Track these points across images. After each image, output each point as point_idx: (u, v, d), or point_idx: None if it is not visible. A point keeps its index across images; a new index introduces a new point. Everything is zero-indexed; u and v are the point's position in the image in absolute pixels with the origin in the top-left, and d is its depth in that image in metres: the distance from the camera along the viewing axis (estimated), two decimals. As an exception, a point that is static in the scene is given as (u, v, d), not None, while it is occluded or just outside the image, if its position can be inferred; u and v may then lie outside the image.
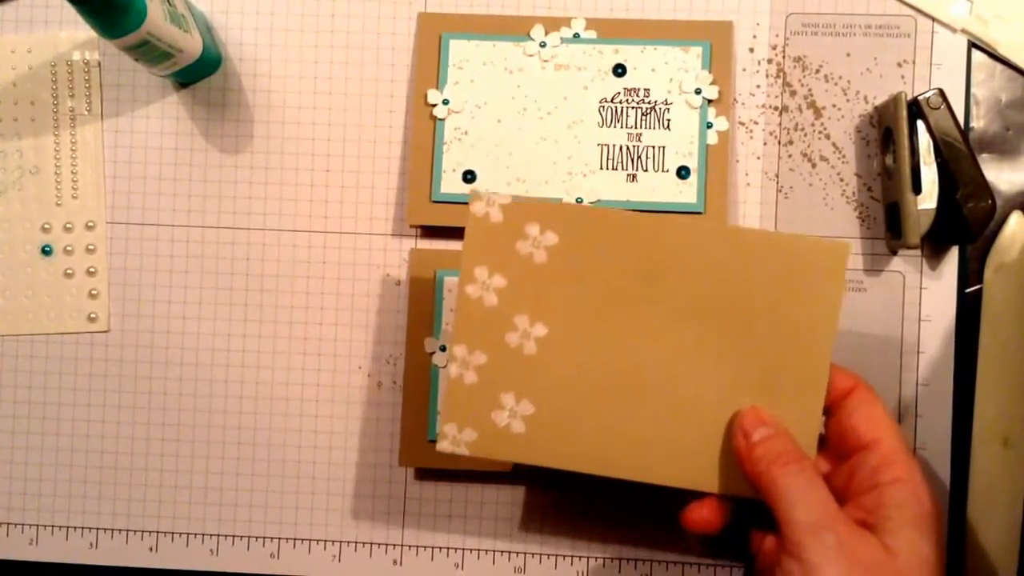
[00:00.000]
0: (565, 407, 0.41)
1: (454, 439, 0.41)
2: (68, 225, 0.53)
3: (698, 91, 0.50)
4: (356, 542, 0.52)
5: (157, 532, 0.52)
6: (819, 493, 0.37)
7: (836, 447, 0.41)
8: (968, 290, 0.50)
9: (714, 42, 0.50)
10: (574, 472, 0.41)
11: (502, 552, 0.51)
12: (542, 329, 0.41)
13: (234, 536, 0.52)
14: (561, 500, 0.51)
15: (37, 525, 0.53)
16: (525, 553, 0.51)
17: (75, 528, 0.53)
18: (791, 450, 0.38)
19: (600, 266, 0.40)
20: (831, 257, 0.39)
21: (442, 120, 0.51)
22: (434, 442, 0.49)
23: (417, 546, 0.51)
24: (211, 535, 0.52)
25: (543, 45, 0.51)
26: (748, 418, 0.39)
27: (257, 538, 0.52)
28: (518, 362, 0.41)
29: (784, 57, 0.51)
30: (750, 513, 0.40)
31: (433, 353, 0.50)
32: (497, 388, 0.41)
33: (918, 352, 0.50)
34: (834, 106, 0.50)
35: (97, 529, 0.52)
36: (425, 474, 0.51)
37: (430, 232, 0.52)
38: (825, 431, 0.42)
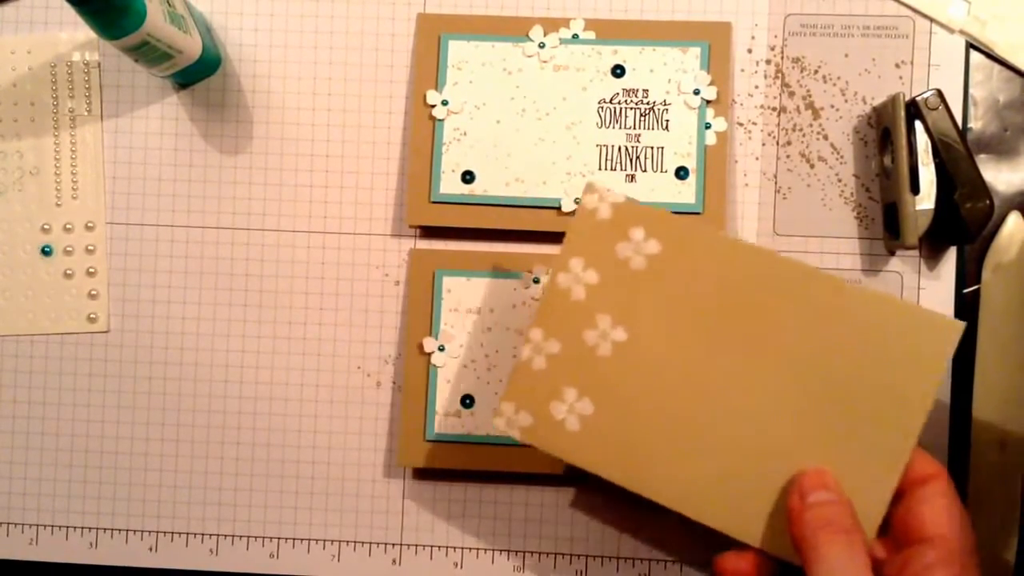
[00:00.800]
0: (625, 417, 0.40)
1: (509, 419, 0.41)
2: (68, 226, 0.53)
3: (696, 92, 0.50)
4: (355, 541, 0.52)
5: (157, 532, 0.52)
6: (860, 572, 0.35)
7: (897, 534, 0.38)
8: (966, 290, 0.50)
9: (712, 43, 0.50)
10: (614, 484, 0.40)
11: (501, 551, 0.51)
12: (622, 334, 0.40)
13: (233, 536, 0.52)
14: (560, 499, 0.51)
15: (37, 525, 0.53)
16: (524, 552, 0.51)
17: (75, 528, 0.53)
18: (845, 520, 0.36)
19: (697, 286, 0.39)
20: (941, 333, 0.37)
21: (441, 121, 0.51)
22: (432, 442, 0.50)
23: (416, 545, 0.51)
24: (211, 535, 0.52)
25: (542, 46, 0.51)
26: (809, 479, 0.37)
27: (256, 538, 0.52)
28: (590, 360, 0.40)
29: (782, 58, 0.51)
30: None
31: (432, 353, 0.50)
32: (562, 380, 0.40)
33: (916, 352, 0.50)
34: (832, 107, 0.50)
35: (97, 529, 0.53)
36: (424, 474, 0.52)
37: (429, 232, 0.52)
38: (890, 515, 0.38)
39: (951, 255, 0.50)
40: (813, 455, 0.38)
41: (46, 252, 0.53)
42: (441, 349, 0.50)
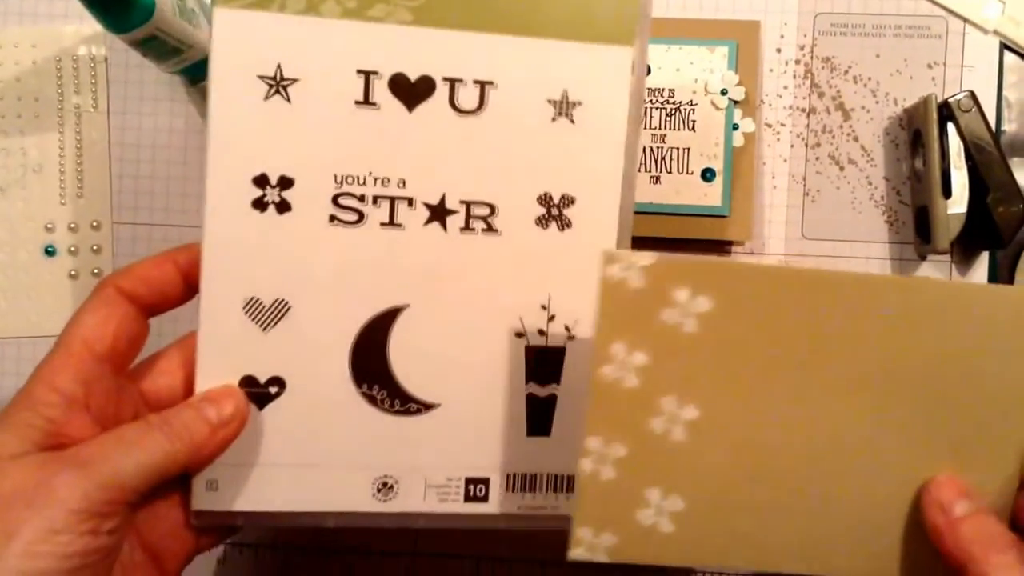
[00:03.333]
0: (720, 498, 0.35)
1: (590, 545, 0.35)
2: (72, 225, 0.51)
3: (724, 92, 0.49)
4: (367, 552, 0.50)
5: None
6: None
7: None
8: (997, 296, 0.49)
9: (740, 42, 0.49)
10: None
11: (519, 561, 0.50)
12: (693, 411, 0.35)
13: (242, 545, 0.51)
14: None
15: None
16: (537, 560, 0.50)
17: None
18: (1005, 533, 0.33)
19: (764, 333, 0.34)
20: None
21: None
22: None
23: (429, 554, 0.50)
24: (220, 545, 0.51)
25: (565, 43, 0.49)
26: (947, 489, 0.34)
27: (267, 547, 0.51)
28: (665, 451, 0.35)
29: (812, 58, 0.50)
30: None
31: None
32: (640, 483, 0.35)
33: (947, 360, 0.49)
34: (863, 108, 0.49)
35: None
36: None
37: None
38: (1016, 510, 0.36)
39: (983, 260, 0.49)
40: (931, 471, 0.35)
41: (49, 252, 0.52)
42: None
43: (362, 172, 0.37)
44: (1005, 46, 0.49)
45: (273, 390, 0.37)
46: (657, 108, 0.49)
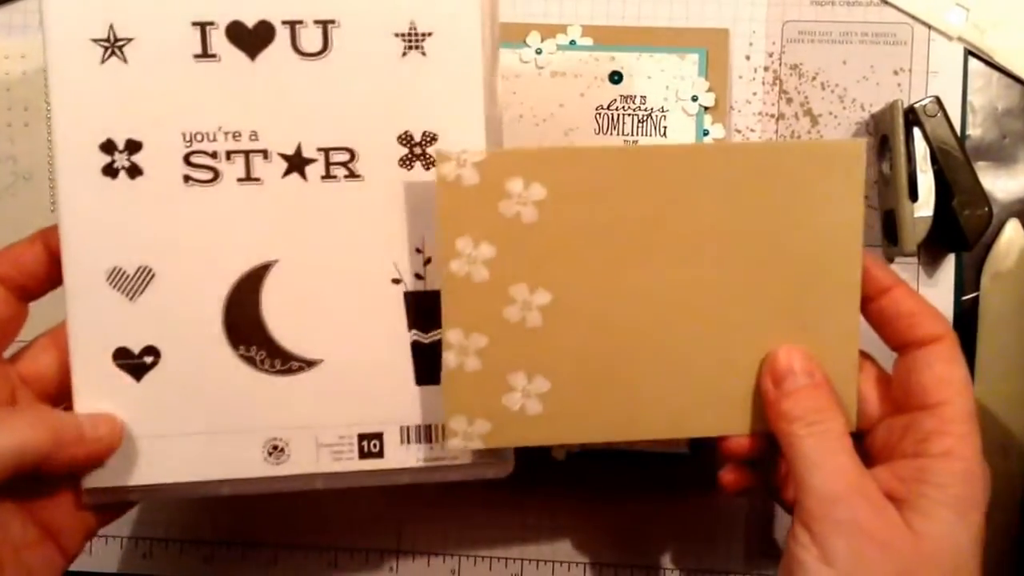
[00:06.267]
0: (584, 375, 0.37)
1: (465, 433, 0.37)
2: (62, 231, 0.53)
3: (694, 98, 0.50)
4: (352, 548, 0.52)
5: (151, 539, 0.52)
6: (841, 459, 0.34)
7: (898, 397, 0.37)
8: (964, 298, 0.50)
9: (710, 49, 0.50)
10: (595, 445, 0.38)
11: (499, 558, 0.51)
12: (545, 296, 0.37)
13: (230, 543, 0.52)
14: (558, 506, 0.51)
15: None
16: (522, 560, 0.51)
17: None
18: (822, 407, 0.35)
19: (599, 213, 0.36)
20: (846, 155, 0.36)
21: (438, 127, 0.50)
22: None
23: (413, 552, 0.51)
24: (207, 542, 0.52)
25: (539, 52, 0.50)
26: (780, 362, 0.36)
27: (252, 545, 0.52)
28: (523, 337, 0.37)
29: (780, 65, 0.51)
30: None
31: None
32: (505, 369, 0.37)
33: (914, 360, 0.50)
34: (831, 113, 0.50)
35: (105, 536, 0.52)
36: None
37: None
38: (893, 374, 0.38)
39: (949, 262, 0.50)
40: (776, 327, 0.37)
41: (40, 258, 0.53)
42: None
43: (211, 128, 0.36)
44: (969, 52, 0.50)
45: (148, 360, 0.37)
46: (629, 114, 0.50)
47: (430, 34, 0.36)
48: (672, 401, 0.38)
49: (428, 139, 0.37)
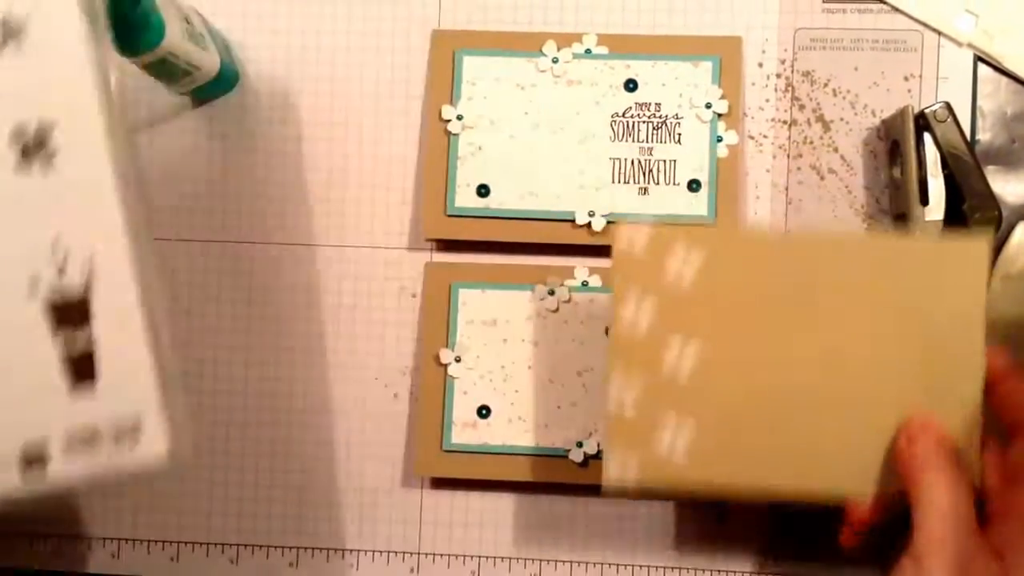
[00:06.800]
0: (727, 426, 0.41)
1: (621, 469, 0.42)
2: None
3: (708, 105, 0.50)
4: (373, 551, 0.52)
5: (178, 542, 0.53)
6: (960, 509, 0.37)
7: (1010, 471, 0.41)
8: (975, 300, 0.51)
9: (723, 57, 0.51)
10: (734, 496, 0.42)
11: (518, 559, 0.52)
12: (697, 349, 0.41)
13: (254, 546, 0.53)
14: (578, 507, 0.52)
15: (60, 535, 0.54)
16: (540, 560, 0.52)
17: (97, 539, 0.53)
18: (948, 458, 0.38)
19: (749, 285, 0.42)
20: (973, 256, 0.41)
21: (456, 135, 0.51)
22: (449, 452, 0.50)
23: (434, 554, 0.52)
24: (231, 545, 0.53)
25: (555, 61, 0.51)
26: (914, 423, 0.40)
27: (276, 547, 0.53)
28: (676, 384, 0.41)
29: (793, 72, 0.51)
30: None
31: (448, 364, 0.51)
32: (657, 414, 0.41)
33: (926, 361, 0.50)
34: (842, 119, 0.51)
35: (119, 539, 0.53)
36: (441, 483, 0.52)
37: (445, 245, 0.53)
38: (1009, 453, 0.41)
39: (960, 265, 0.51)
40: (909, 403, 0.41)
41: (65, 266, 0.54)
42: (458, 360, 0.51)
43: None
44: (979, 58, 0.51)
45: None
46: (644, 122, 0.51)
47: (22, 30, 0.35)
48: (807, 457, 0.41)
49: (42, 137, 0.35)
